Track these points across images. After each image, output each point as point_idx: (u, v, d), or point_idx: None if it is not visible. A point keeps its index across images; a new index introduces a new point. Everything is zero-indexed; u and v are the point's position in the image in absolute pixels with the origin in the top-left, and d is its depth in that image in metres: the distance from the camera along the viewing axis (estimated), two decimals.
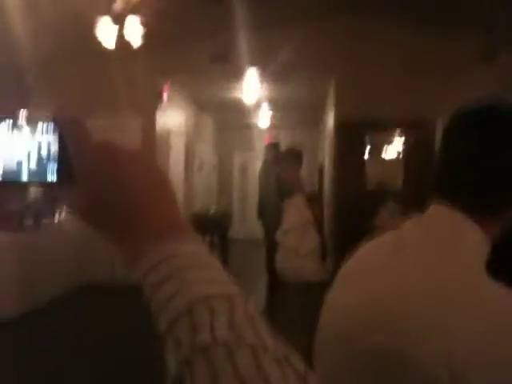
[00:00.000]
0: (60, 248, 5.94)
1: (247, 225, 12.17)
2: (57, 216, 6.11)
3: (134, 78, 6.69)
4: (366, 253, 0.96)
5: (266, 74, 7.15)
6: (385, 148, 7.27)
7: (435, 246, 0.80)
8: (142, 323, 4.79)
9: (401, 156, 7.16)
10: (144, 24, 4.99)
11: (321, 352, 0.91)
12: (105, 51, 5.32)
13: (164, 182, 0.51)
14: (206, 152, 11.42)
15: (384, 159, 7.26)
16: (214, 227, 7.79)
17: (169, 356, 0.41)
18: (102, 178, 0.47)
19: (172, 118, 8.23)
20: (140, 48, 5.34)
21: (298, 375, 0.39)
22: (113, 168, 0.47)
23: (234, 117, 11.10)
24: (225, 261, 6.77)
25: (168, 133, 7.97)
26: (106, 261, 6.43)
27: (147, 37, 5.09)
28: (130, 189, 0.47)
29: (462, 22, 6.07)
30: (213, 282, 0.44)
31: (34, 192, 4.71)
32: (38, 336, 4.62)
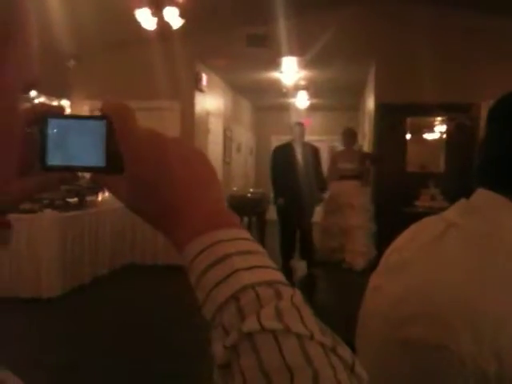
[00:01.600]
0: (104, 227, 6.12)
1: None
2: (100, 194, 6.30)
3: (173, 62, 6.75)
4: (411, 239, 0.94)
5: (305, 58, 7.09)
6: (426, 131, 7.13)
7: (480, 235, 0.78)
8: (183, 303, 4.92)
9: (443, 139, 7.02)
10: (181, 13, 5.03)
11: (363, 337, 0.91)
12: (144, 38, 5.40)
13: (210, 168, 0.51)
14: (244, 134, 11.45)
15: (426, 142, 7.13)
16: (251, 209, 7.84)
17: (215, 342, 0.41)
18: (150, 165, 0.47)
19: (210, 100, 8.28)
20: (178, 33, 5.39)
21: (345, 365, 0.39)
22: (162, 155, 0.48)
23: (272, 99, 11.05)
24: (262, 242, 6.82)
25: (207, 115, 8.04)
26: (147, 242, 6.60)
27: (185, 22, 5.13)
28: (179, 175, 0.48)
29: (507, 5, 5.84)
30: (259, 268, 0.43)
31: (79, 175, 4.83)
32: (81, 311, 4.81)
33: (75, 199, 5.79)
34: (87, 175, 0.51)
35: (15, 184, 0.47)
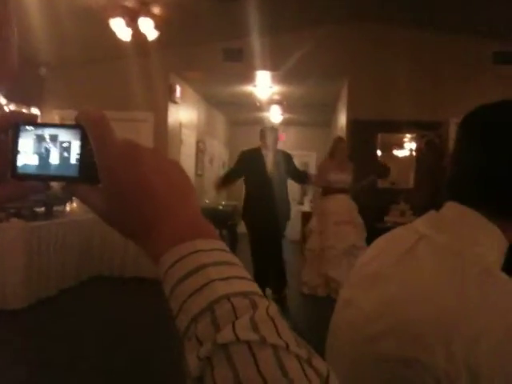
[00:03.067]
0: (71, 237, 6.00)
1: None
2: (68, 205, 6.19)
3: (148, 73, 6.74)
4: (381, 251, 0.93)
5: (279, 73, 7.16)
6: (397, 148, 7.26)
7: (451, 248, 0.78)
8: (150, 314, 4.84)
9: (413, 156, 7.15)
10: (157, 25, 5.04)
11: (333, 352, 0.90)
12: (119, 49, 5.38)
13: (186, 178, 0.51)
14: (217, 147, 11.44)
15: (396, 159, 7.24)
16: (223, 221, 7.82)
17: (189, 353, 0.40)
18: (125, 175, 0.46)
19: (184, 113, 8.27)
20: (153, 45, 5.39)
21: (320, 377, 0.38)
22: (137, 165, 0.47)
23: (246, 113, 11.11)
24: (233, 255, 6.78)
25: (180, 127, 8.01)
26: (115, 253, 6.50)
27: (161, 33, 5.14)
28: (154, 186, 0.47)
29: (476, 26, 6.04)
30: (235, 279, 0.43)
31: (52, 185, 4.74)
32: (47, 323, 4.69)
33: (42, 209, 5.67)
34: (59, 185, 0.50)
35: None
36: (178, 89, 7.61)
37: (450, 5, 5.71)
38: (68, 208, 6.19)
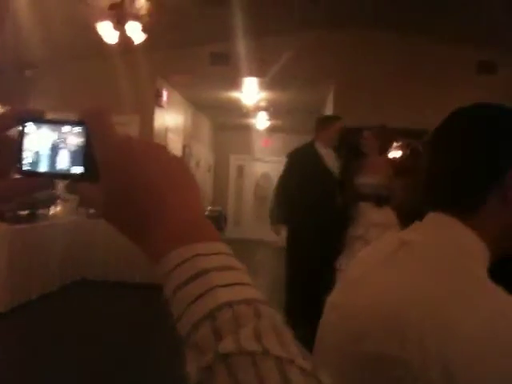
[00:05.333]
0: (54, 241, 5.94)
1: (242, 225, 12.20)
2: (52, 208, 6.13)
3: (134, 76, 6.72)
4: (366, 255, 0.97)
5: (265, 79, 7.19)
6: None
7: (434, 253, 0.81)
8: (134, 318, 4.80)
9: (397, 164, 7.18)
10: (144, 28, 5.03)
11: (321, 352, 0.91)
12: (106, 51, 5.35)
13: (189, 176, 0.49)
14: (203, 152, 11.44)
15: None
16: None
17: (189, 361, 0.39)
18: (125, 172, 0.45)
19: (170, 117, 8.25)
20: (141, 48, 5.38)
21: None
22: (137, 162, 0.46)
23: (232, 118, 11.12)
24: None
25: (166, 131, 7.99)
26: (99, 257, 6.45)
27: (149, 37, 5.13)
28: (155, 184, 0.45)
29: (461, 34, 6.13)
30: (238, 285, 0.41)
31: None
32: (28, 327, 4.63)
33: (26, 212, 5.61)
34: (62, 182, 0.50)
35: None
36: (165, 93, 7.60)
37: (435, 13, 5.79)
38: (52, 211, 6.12)
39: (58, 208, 6.22)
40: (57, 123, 0.49)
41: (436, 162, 0.89)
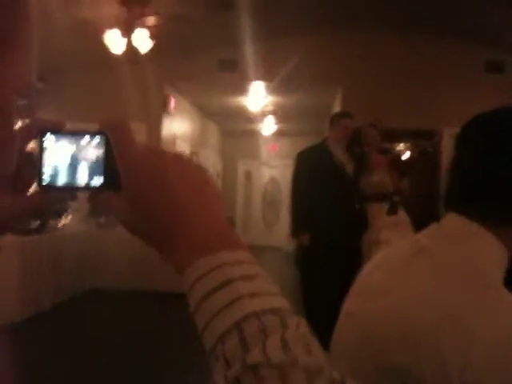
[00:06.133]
0: (65, 252, 5.95)
1: (250, 231, 12.19)
2: (62, 219, 6.13)
3: (142, 84, 6.73)
4: (381, 262, 0.94)
5: (272, 84, 7.19)
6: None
7: (450, 259, 0.79)
8: (146, 328, 4.79)
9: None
10: (152, 36, 5.04)
11: (335, 359, 0.89)
12: (113, 60, 5.36)
13: (212, 186, 0.49)
14: (211, 158, 11.46)
15: None
16: None
17: (216, 373, 0.39)
18: (148, 183, 0.45)
19: (178, 124, 8.27)
20: (148, 55, 5.39)
21: None
22: (161, 172, 0.46)
23: (240, 124, 11.13)
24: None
25: (174, 138, 8.00)
26: (110, 266, 6.45)
27: (156, 45, 5.14)
28: (179, 194, 0.45)
29: (469, 34, 6.09)
30: (264, 295, 0.41)
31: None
32: (41, 339, 4.62)
33: (36, 223, 5.62)
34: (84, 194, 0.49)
35: (7, 200, 0.45)
36: (173, 100, 7.62)
37: (443, 13, 5.76)
38: (62, 222, 6.13)
39: (69, 218, 6.23)
40: (75, 134, 0.48)
41: (470, 170, 0.85)
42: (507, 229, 0.79)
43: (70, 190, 0.48)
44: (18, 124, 0.42)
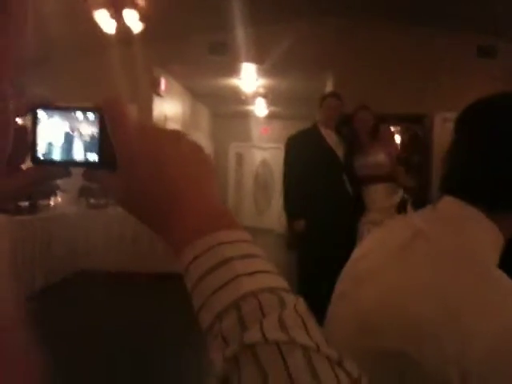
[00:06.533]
0: (55, 233, 5.94)
1: (242, 213, 12.21)
2: (52, 199, 6.12)
3: (133, 66, 6.67)
4: (378, 245, 0.93)
5: (263, 66, 7.14)
6: None
7: (450, 248, 0.78)
8: (138, 310, 4.81)
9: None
10: (142, 17, 4.98)
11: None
12: (104, 42, 5.30)
13: (209, 165, 0.48)
14: (202, 141, 11.41)
15: None
16: None
17: (214, 352, 0.38)
18: (144, 161, 0.45)
19: (169, 106, 8.21)
20: (138, 37, 5.34)
21: (351, 379, 0.37)
22: (156, 151, 0.45)
23: (231, 106, 11.07)
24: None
25: (164, 120, 7.96)
26: (100, 247, 6.45)
27: (146, 26, 5.09)
28: (175, 172, 0.45)
29: (461, 19, 6.08)
30: (262, 274, 0.41)
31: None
32: (32, 319, 4.63)
33: (26, 203, 5.60)
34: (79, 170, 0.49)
35: (3, 179, 0.45)
36: (163, 82, 7.56)
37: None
38: (52, 202, 6.12)
39: (59, 199, 6.22)
40: (68, 110, 0.48)
41: (471, 156, 0.84)
42: (504, 215, 0.80)
43: (65, 165, 0.48)
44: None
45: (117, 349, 3.94)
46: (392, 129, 7.05)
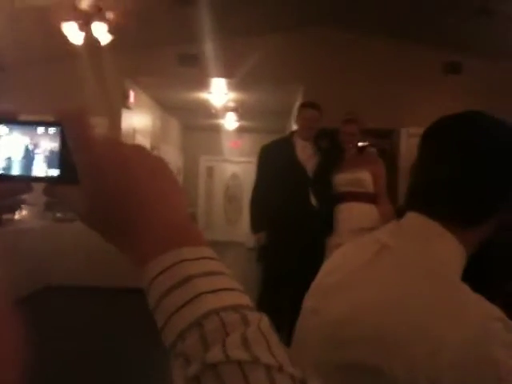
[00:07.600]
0: (21, 246, 5.79)
1: (212, 227, 12.16)
2: (17, 213, 5.97)
3: (102, 78, 6.61)
4: (343, 261, 0.93)
5: (234, 80, 7.18)
6: None
7: (413, 258, 0.79)
8: (104, 324, 4.72)
9: None
10: (111, 29, 4.96)
11: (297, 356, 0.88)
12: (72, 53, 5.25)
13: (173, 179, 0.47)
14: (172, 154, 11.35)
15: None
16: None
17: (176, 371, 0.37)
18: (106, 175, 0.43)
19: (138, 118, 8.16)
20: (107, 49, 5.30)
21: None
22: (119, 164, 0.44)
23: (201, 120, 11.07)
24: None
25: (133, 133, 7.90)
26: (67, 261, 6.31)
27: (115, 38, 5.07)
28: (138, 187, 0.44)
29: (427, 35, 6.25)
30: (226, 291, 0.40)
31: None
32: None
33: None
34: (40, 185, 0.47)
35: None
36: (132, 94, 7.51)
37: (401, 14, 5.89)
38: (18, 216, 5.97)
39: (24, 212, 6.07)
40: (29, 124, 0.47)
41: (436, 171, 0.85)
42: (467, 231, 0.81)
43: (26, 180, 0.46)
44: None
45: (85, 364, 3.85)
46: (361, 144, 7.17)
